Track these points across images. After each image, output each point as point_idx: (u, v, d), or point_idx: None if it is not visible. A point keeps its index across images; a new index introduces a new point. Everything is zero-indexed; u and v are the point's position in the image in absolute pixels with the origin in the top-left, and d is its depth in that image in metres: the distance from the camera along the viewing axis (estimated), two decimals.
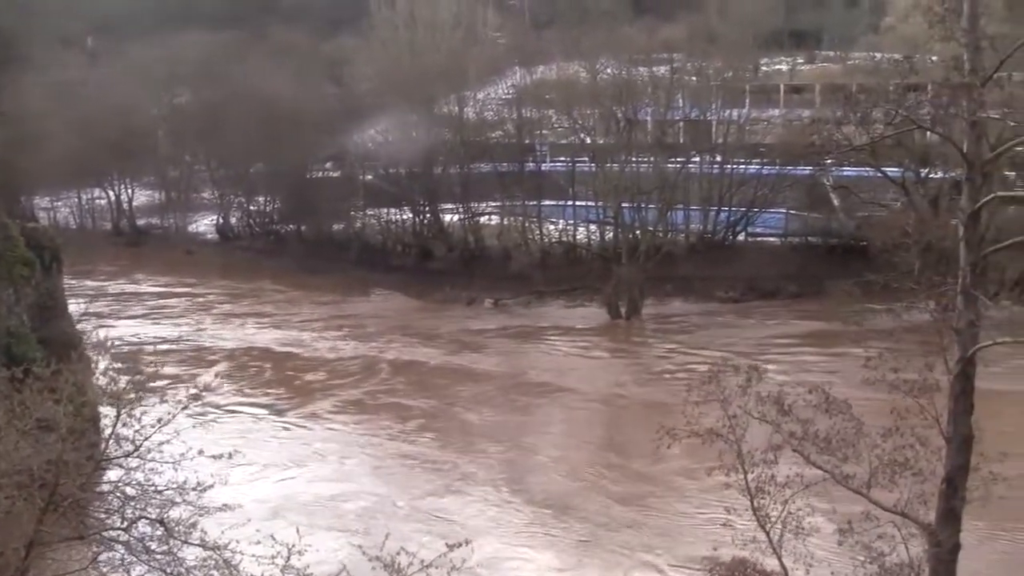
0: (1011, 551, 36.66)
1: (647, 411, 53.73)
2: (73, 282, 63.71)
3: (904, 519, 23.47)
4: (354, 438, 52.67)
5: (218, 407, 53.34)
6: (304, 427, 54.30)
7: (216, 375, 61.41)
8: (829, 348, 61.26)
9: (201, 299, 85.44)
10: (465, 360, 65.19)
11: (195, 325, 76.04)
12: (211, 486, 23.78)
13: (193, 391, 25.13)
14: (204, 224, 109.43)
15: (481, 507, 43.23)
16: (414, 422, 54.43)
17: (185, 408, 24.10)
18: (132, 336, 68.82)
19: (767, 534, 23.99)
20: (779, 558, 23.99)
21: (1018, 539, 37.49)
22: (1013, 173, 61.64)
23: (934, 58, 27.44)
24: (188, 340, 71.00)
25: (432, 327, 73.09)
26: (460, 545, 22.52)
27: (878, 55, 71.99)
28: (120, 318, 75.29)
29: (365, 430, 53.74)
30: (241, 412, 54.89)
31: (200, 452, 23.98)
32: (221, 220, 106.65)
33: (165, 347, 67.23)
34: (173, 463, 23.56)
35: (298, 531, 22.64)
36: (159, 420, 23.30)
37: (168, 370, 58.00)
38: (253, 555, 22.62)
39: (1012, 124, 22.56)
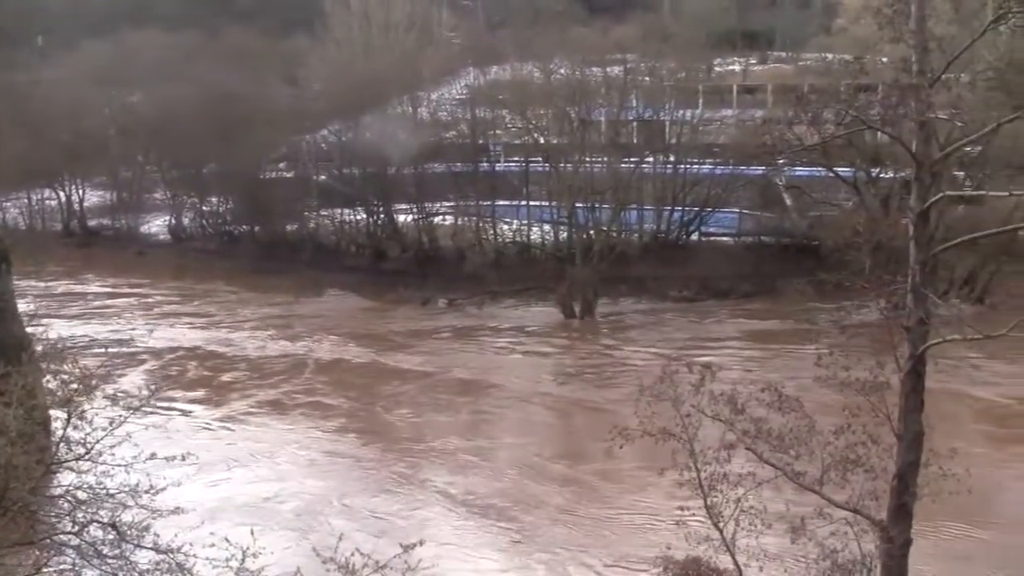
0: (963, 547, 36.96)
1: (587, 411, 54.11)
2: (21, 283, 62.89)
3: (856, 516, 23.69)
4: (292, 436, 52.48)
5: (162, 409, 52.71)
6: (240, 427, 54.13)
7: (161, 377, 60.76)
8: (782, 347, 61.63)
9: (147, 300, 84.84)
10: (412, 360, 64.90)
11: (136, 326, 74.85)
12: (163, 489, 23.67)
13: (145, 393, 24.95)
14: (156, 225, 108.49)
15: (412, 505, 43.28)
16: (350, 421, 54.48)
17: (137, 410, 23.97)
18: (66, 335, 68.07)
19: (720, 532, 24.14)
20: (732, 556, 24.15)
21: (971, 535, 37.82)
22: (962, 173, 62.40)
23: (884, 59, 27.74)
24: (126, 341, 69.79)
25: (384, 328, 72.99)
26: (414, 546, 22.59)
27: (829, 56, 72.77)
28: (57, 317, 74.25)
29: (302, 429, 53.62)
30: (173, 413, 53.92)
31: (153, 455, 23.81)
32: (173, 221, 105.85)
33: (100, 348, 66.34)
34: (125, 466, 23.39)
35: (252, 533, 22.62)
36: (111, 423, 23.17)
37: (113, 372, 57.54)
38: (207, 558, 22.55)
39: (960, 124, 22.82)
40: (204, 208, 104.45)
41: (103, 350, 63.25)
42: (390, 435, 52.22)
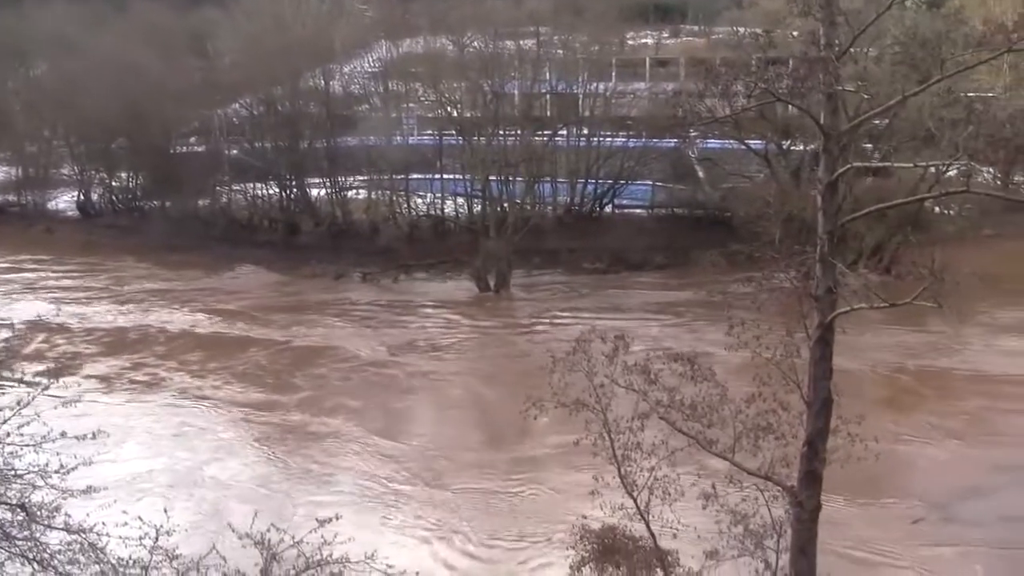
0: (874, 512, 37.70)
1: (502, 383, 54.27)
2: None
3: (767, 482, 24.12)
4: (201, 413, 52.17)
5: (70, 387, 51.92)
6: (149, 404, 53.55)
7: (68, 355, 60.01)
8: (694, 317, 62.24)
9: (52, 277, 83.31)
10: (321, 334, 64.76)
11: (42, 304, 73.71)
12: (74, 468, 23.42)
13: (53, 370, 24.67)
14: (64, 201, 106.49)
15: (325, 482, 43.44)
16: (262, 399, 54.16)
17: (46, 389, 23.67)
18: None
19: (634, 500, 24.47)
20: (646, 523, 24.51)
21: (880, 498, 38.55)
22: (870, 145, 63.29)
23: (794, 33, 28.06)
24: (31, 319, 68.92)
25: (295, 302, 72.46)
26: (330, 520, 22.62)
27: (741, 30, 73.21)
28: None
29: (213, 406, 53.22)
30: (81, 390, 52.56)
31: (63, 434, 23.51)
32: (82, 197, 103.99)
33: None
34: (34, 446, 23.12)
35: (166, 511, 22.51)
36: (18, 402, 22.90)
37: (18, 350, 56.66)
38: (120, 537, 22.36)
39: (867, 97, 23.20)
40: (113, 184, 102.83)
41: (6, 329, 62.73)
42: (299, 413, 51.79)
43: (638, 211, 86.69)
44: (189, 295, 75.64)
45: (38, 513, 22.45)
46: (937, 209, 69.45)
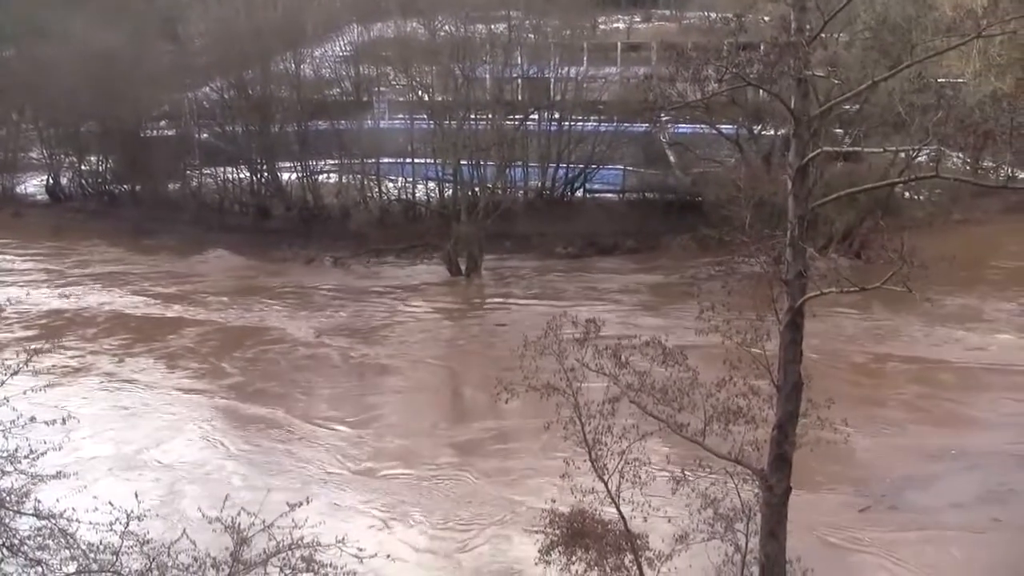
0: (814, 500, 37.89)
1: (472, 367, 54.35)
2: None
3: (737, 466, 24.24)
4: (169, 397, 51.56)
5: (40, 372, 51.46)
6: (116, 387, 53.06)
7: (37, 339, 59.54)
8: (665, 301, 62.35)
9: (19, 262, 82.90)
10: (288, 320, 64.40)
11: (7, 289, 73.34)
12: (44, 453, 23.35)
13: (23, 355, 24.50)
14: (33, 185, 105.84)
15: (294, 468, 42.97)
16: (228, 382, 53.60)
17: (16, 373, 23.56)
18: None
19: (605, 484, 24.53)
20: (617, 507, 24.58)
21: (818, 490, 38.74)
22: (841, 130, 63.57)
23: (765, 18, 28.12)
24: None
25: (265, 286, 72.22)
26: (300, 504, 22.61)
27: (712, 14, 73.33)
28: None
29: (180, 390, 52.70)
30: (51, 375, 52.04)
31: (32, 419, 23.42)
32: (51, 181, 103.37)
33: None
34: (1, 431, 23.06)
35: (136, 496, 22.42)
36: None
37: None
38: (91, 522, 22.30)
39: (837, 82, 23.25)
40: (83, 168, 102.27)
41: None
42: (270, 398, 51.27)
43: (609, 195, 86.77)
44: (166, 280, 75.08)
45: (7, 499, 22.36)
46: (907, 194, 69.87)
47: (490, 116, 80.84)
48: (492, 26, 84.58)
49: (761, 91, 25.09)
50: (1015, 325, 56.50)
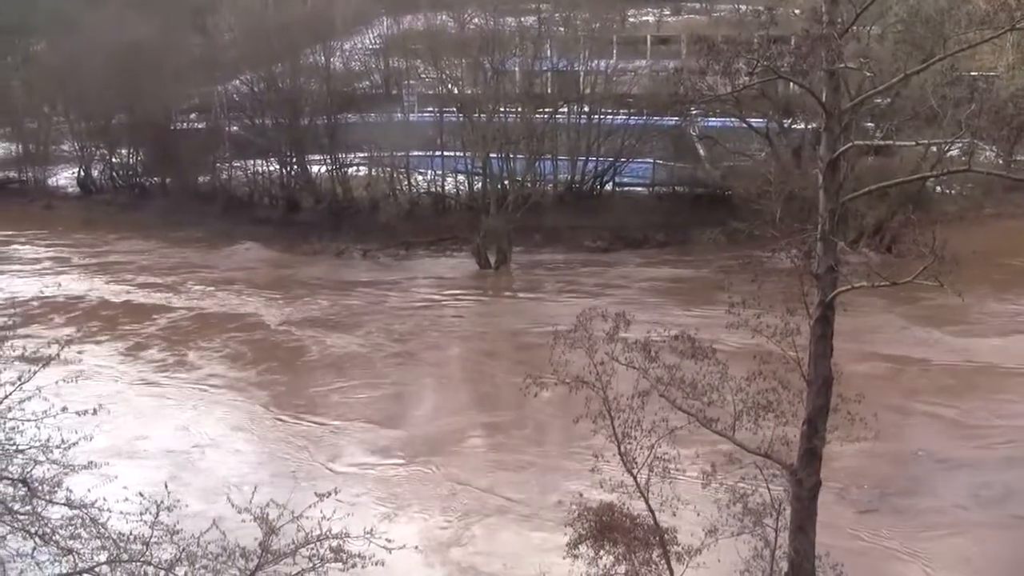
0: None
1: (503, 359, 54.62)
2: None
3: (766, 460, 24.17)
4: (201, 391, 51.78)
5: (72, 362, 51.63)
6: (149, 379, 53.42)
7: (72, 329, 59.92)
8: (695, 295, 62.17)
9: (54, 253, 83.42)
10: (325, 312, 64.53)
11: (43, 279, 73.52)
12: (75, 443, 23.52)
13: (56, 346, 24.67)
14: (64, 177, 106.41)
15: (323, 460, 43.19)
16: (263, 375, 53.78)
17: (47, 364, 23.73)
18: None
19: (634, 478, 24.50)
20: (646, 501, 24.54)
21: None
22: (872, 123, 63.21)
23: (796, 11, 28.03)
24: (33, 294, 69.33)
25: (298, 280, 72.38)
26: (328, 495, 22.68)
27: (742, 7, 73.01)
28: None
29: (212, 382, 53.03)
30: (84, 366, 52.06)
31: (64, 409, 23.59)
32: (82, 173, 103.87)
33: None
34: (35, 421, 23.22)
35: (167, 486, 22.57)
36: (19, 377, 22.98)
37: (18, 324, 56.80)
38: (121, 512, 22.47)
39: (869, 75, 23.18)
40: (114, 160, 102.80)
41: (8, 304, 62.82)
42: (300, 392, 51.47)
43: (638, 189, 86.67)
44: (186, 270, 75.66)
45: (39, 488, 22.55)
46: (939, 189, 69.52)
47: (519, 109, 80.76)
48: (522, 19, 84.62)
49: (792, 84, 25.03)
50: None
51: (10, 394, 23.04)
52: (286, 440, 45.13)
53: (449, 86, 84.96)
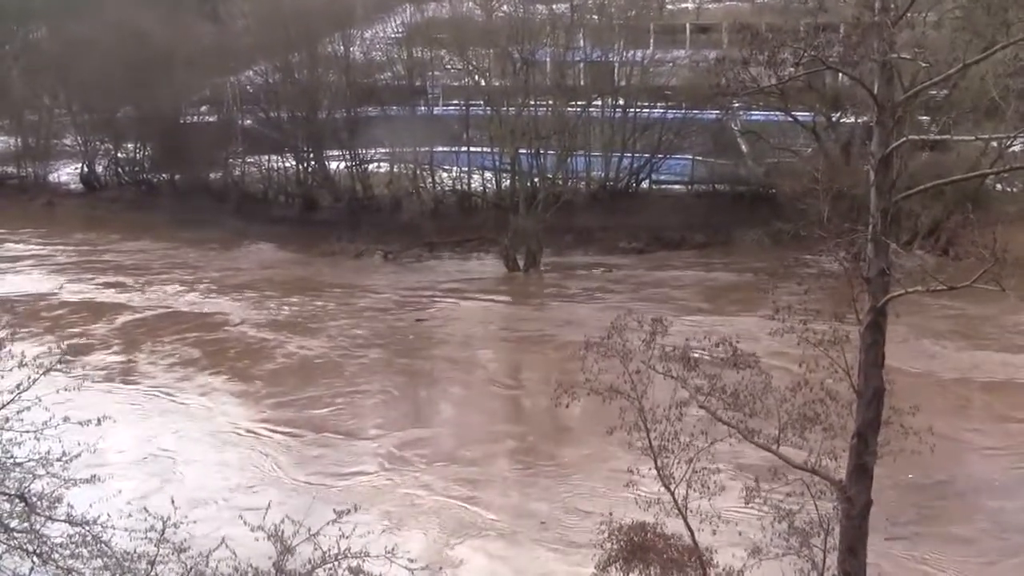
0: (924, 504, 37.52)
1: (531, 367, 54.14)
2: None
3: (813, 476, 24.00)
4: (206, 399, 51.81)
5: (73, 370, 51.51)
6: (152, 388, 53.35)
7: (70, 336, 60.08)
8: (736, 299, 62.11)
9: (54, 254, 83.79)
10: (344, 320, 64.60)
11: (43, 281, 74.30)
12: (77, 455, 23.48)
13: (55, 354, 24.70)
14: (67, 173, 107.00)
15: (343, 470, 43.20)
16: (271, 386, 53.60)
17: (47, 372, 23.69)
18: None
19: (671, 494, 24.38)
20: (684, 519, 24.40)
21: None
22: (928, 117, 62.89)
23: None
24: (33, 296, 69.85)
25: (316, 282, 72.52)
26: (348, 511, 22.62)
27: None
28: None
29: (218, 390, 53.14)
30: (85, 374, 51.88)
31: (65, 419, 23.55)
32: (86, 168, 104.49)
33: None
34: (34, 432, 23.18)
35: (173, 502, 22.57)
36: (17, 387, 22.95)
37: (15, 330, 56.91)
38: (125, 529, 22.42)
39: (925, 66, 22.99)
40: (119, 155, 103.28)
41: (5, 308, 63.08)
42: (314, 402, 51.23)
43: (677, 187, 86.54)
44: (196, 272, 76.20)
45: (38, 504, 22.53)
46: (999, 186, 69.05)
47: (550, 102, 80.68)
48: (553, 6, 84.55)
49: (841, 75, 24.89)
50: None
51: (7, 404, 23.01)
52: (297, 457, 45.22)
53: (476, 78, 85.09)
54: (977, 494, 39.14)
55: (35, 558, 22.29)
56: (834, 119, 72.34)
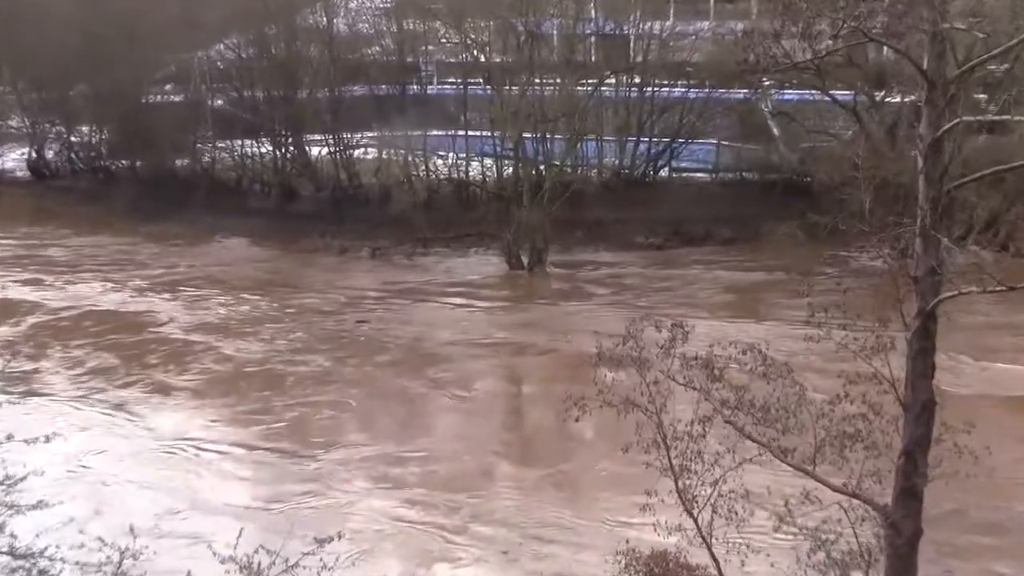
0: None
1: (539, 379, 54.30)
2: None
3: (854, 500, 23.90)
4: (171, 416, 51.59)
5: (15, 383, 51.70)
6: (105, 405, 52.62)
7: (11, 346, 60.05)
8: (767, 301, 62.12)
9: None
10: (328, 329, 64.66)
11: None
12: (23, 478, 23.45)
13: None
14: (12, 159, 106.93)
15: (325, 496, 43.14)
16: (239, 398, 53.73)
17: None
18: None
19: (694, 520, 24.31)
20: (708, 547, 24.33)
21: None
22: (984, 95, 62.84)
23: None
24: None
25: (290, 282, 72.49)
26: (330, 540, 22.60)
27: None
28: None
29: (181, 406, 53.01)
30: (29, 387, 52.45)
31: (9, 437, 23.54)
32: (33, 154, 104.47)
33: None
34: None
35: (132, 530, 22.50)
36: None
37: None
38: (77, 562, 22.37)
39: (981, 37, 22.91)
40: (73, 139, 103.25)
41: None
42: (295, 425, 50.81)
43: (699, 175, 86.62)
44: (171, 276, 75.45)
45: None
46: None
47: (558, 81, 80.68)
48: None
49: (886, 49, 24.83)
50: None
51: None
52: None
53: (474, 53, 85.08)
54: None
55: None
56: (878, 98, 72.25)
